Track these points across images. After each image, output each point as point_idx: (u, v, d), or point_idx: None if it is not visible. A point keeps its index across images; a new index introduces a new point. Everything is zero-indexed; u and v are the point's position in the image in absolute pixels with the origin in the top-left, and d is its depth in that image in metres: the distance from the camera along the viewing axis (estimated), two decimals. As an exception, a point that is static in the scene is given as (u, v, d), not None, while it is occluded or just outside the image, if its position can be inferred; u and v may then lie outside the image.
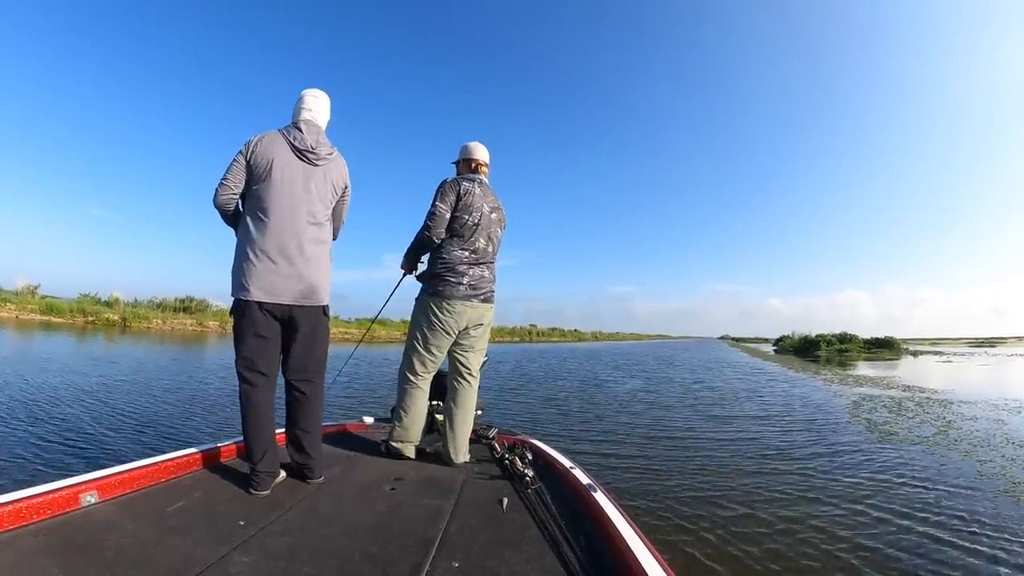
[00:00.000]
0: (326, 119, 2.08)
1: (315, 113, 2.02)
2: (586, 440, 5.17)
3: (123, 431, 4.47)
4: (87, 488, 1.54)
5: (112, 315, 21.30)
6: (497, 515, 1.68)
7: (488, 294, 2.43)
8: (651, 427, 6.00)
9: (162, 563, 1.24)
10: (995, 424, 6.64)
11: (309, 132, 1.95)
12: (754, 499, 3.42)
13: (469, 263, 2.35)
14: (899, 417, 6.96)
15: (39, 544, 1.28)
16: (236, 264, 1.88)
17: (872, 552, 2.65)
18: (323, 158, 1.96)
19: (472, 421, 2.40)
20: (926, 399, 9.06)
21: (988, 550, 2.72)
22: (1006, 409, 8.09)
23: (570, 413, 6.86)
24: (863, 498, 3.49)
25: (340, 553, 1.37)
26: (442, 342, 2.36)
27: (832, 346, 31.62)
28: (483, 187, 2.44)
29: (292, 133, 1.93)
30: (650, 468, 4.16)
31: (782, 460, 4.53)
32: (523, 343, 39.17)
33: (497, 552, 1.41)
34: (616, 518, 1.48)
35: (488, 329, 2.50)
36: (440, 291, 2.32)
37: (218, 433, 4.61)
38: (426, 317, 2.35)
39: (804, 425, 6.30)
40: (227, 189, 1.88)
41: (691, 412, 7.21)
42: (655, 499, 3.38)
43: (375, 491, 1.88)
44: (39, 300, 21.28)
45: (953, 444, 5.31)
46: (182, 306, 24.98)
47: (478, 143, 2.55)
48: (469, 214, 2.34)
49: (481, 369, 2.62)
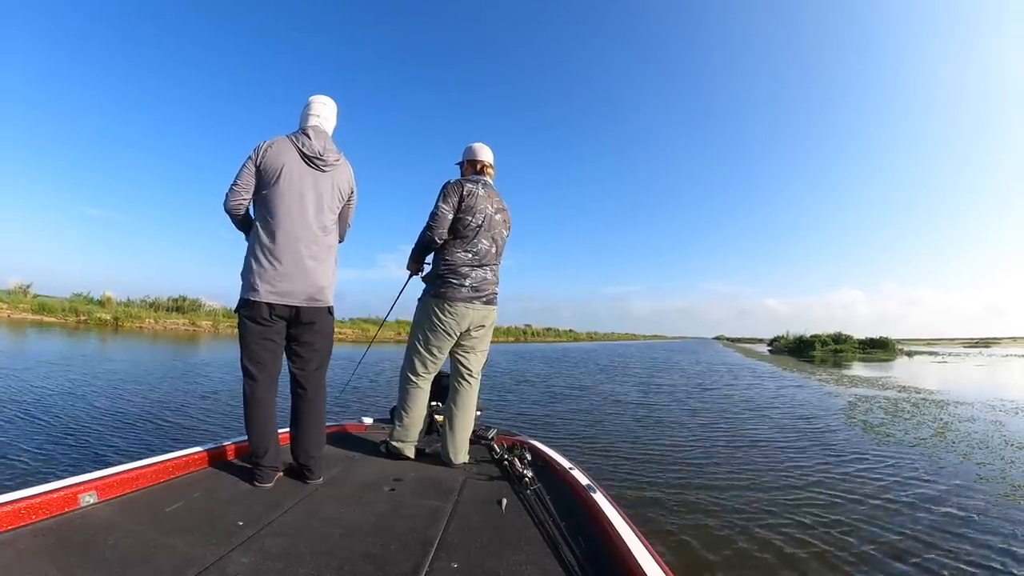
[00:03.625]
0: (333, 125, 2.13)
1: (323, 119, 2.06)
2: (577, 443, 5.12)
3: (120, 431, 4.42)
4: (86, 488, 1.54)
5: (104, 314, 21.14)
6: (496, 516, 1.69)
7: (491, 296, 2.43)
8: (644, 431, 5.99)
9: (161, 563, 1.24)
10: (992, 426, 6.66)
11: (317, 138, 1.99)
12: (750, 500, 3.42)
13: (472, 265, 2.34)
14: (895, 419, 6.98)
15: (38, 544, 1.28)
16: (246, 266, 1.93)
17: (870, 557, 2.64)
18: (331, 164, 2.01)
19: (471, 421, 2.39)
20: (922, 400, 9.10)
21: (989, 557, 2.70)
22: (1003, 410, 8.13)
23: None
24: (860, 501, 3.48)
25: (339, 553, 1.36)
26: (444, 343, 2.36)
27: (827, 346, 31.82)
28: (487, 188, 2.43)
29: (301, 139, 1.97)
30: (644, 472, 4.14)
31: (777, 462, 4.52)
32: (517, 343, 39.20)
33: (496, 552, 1.41)
34: (615, 518, 1.49)
35: (490, 331, 2.50)
36: (442, 293, 2.32)
37: (216, 434, 4.58)
38: (428, 318, 2.35)
39: (799, 427, 6.30)
40: (237, 194, 1.93)
41: (683, 413, 7.22)
42: (653, 500, 3.37)
43: (374, 491, 1.88)
44: (31, 299, 21.09)
45: (951, 446, 5.32)
46: (175, 306, 24.80)
47: (482, 144, 2.54)
48: (472, 216, 2.34)
49: (482, 370, 2.64)
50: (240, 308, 1.92)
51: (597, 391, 9.45)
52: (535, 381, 10.66)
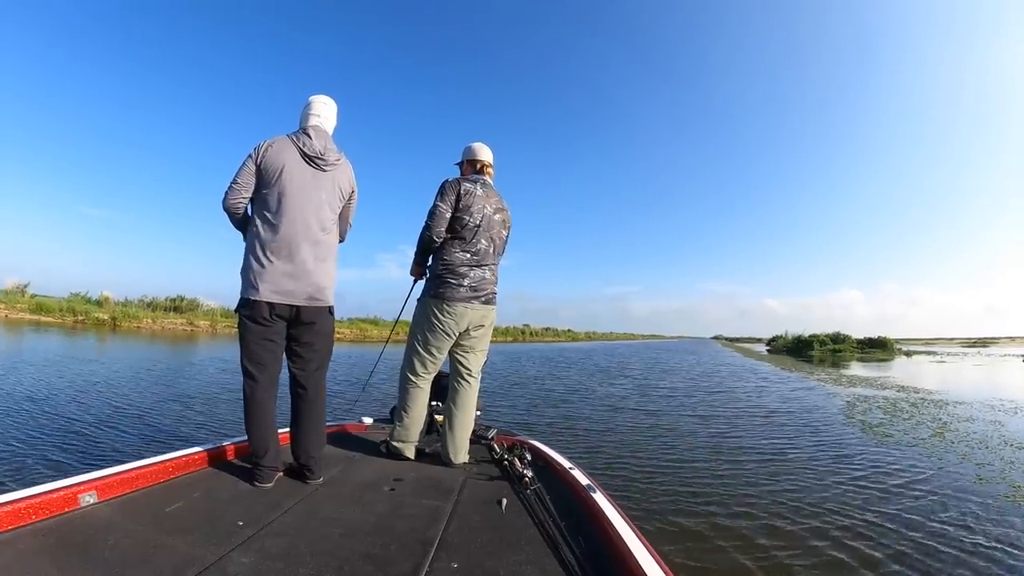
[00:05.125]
0: (333, 125, 2.12)
1: (323, 119, 2.05)
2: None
3: (118, 431, 4.41)
4: (86, 488, 1.54)
5: (102, 314, 21.07)
6: (496, 516, 1.69)
7: (489, 296, 2.42)
8: (643, 430, 5.98)
9: (161, 563, 1.24)
10: (992, 425, 6.67)
11: (318, 138, 1.99)
12: (749, 500, 3.41)
13: (470, 265, 2.34)
14: (894, 418, 6.99)
15: (38, 544, 1.27)
16: (245, 265, 1.92)
17: (870, 558, 2.64)
18: (331, 164, 2.00)
19: (471, 421, 2.39)
20: (921, 400, 9.11)
21: (990, 559, 2.69)
22: (1002, 410, 8.14)
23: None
24: (860, 502, 3.47)
25: (340, 553, 1.36)
26: (442, 343, 2.36)
27: (825, 346, 31.85)
28: (486, 188, 2.43)
29: (301, 139, 1.96)
30: (642, 469, 4.14)
31: (776, 462, 4.52)
32: (516, 343, 39.21)
33: (496, 552, 1.41)
34: (615, 518, 1.49)
35: (489, 331, 2.49)
36: (441, 293, 2.31)
37: (216, 434, 4.57)
38: (427, 319, 2.35)
39: (798, 426, 6.31)
40: (236, 193, 1.92)
41: (683, 413, 7.22)
42: (653, 499, 3.37)
43: (374, 491, 1.88)
44: (29, 299, 21.03)
45: (950, 446, 5.32)
46: (172, 305, 24.74)
47: (481, 144, 2.54)
48: (470, 215, 2.33)
49: (481, 369, 2.64)
50: (240, 307, 1.91)
51: (594, 393, 9.45)
52: (526, 383, 10.54)
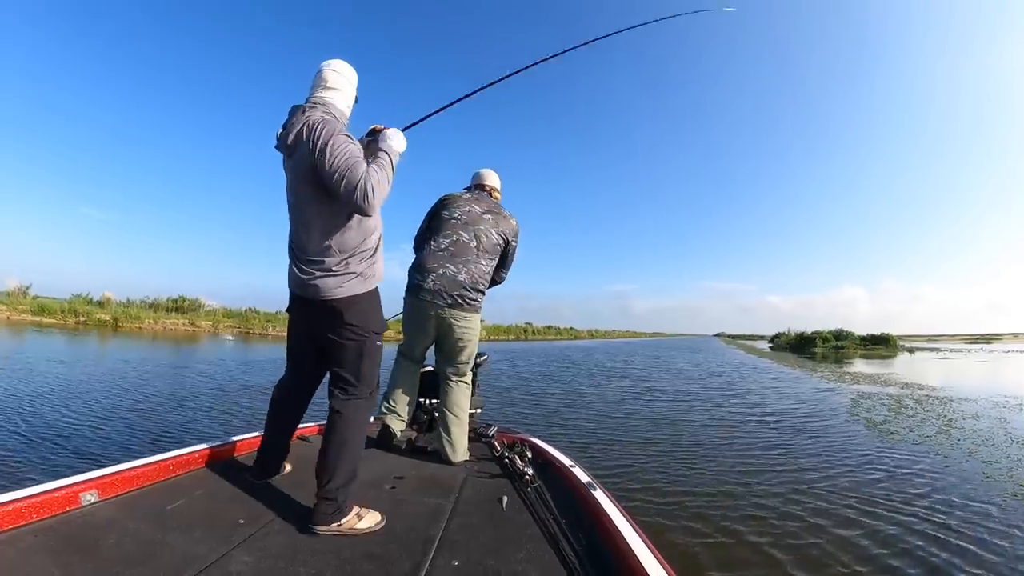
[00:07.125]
0: (348, 99, 1.75)
1: (333, 92, 1.69)
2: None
3: (118, 431, 4.42)
4: (87, 487, 1.54)
5: (103, 315, 21.12)
6: (497, 514, 1.68)
7: (458, 299, 2.30)
8: (642, 431, 5.96)
9: (162, 562, 1.24)
10: (997, 422, 6.62)
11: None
12: (752, 499, 3.40)
13: (440, 260, 2.33)
14: (899, 416, 6.95)
15: (39, 543, 1.27)
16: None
17: (876, 557, 2.62)
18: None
19: (466, 420, 2.39)
20: (925, 397, 9.07)
21: (999, 559, 2.65)
22: (1007, 407, 8.09)
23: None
24: (865, 500, 3.45)
25: (341, 552, 1.36)
26: (416, 336, 2.44)
27: (828, 343, 31.81)
28: (477, 194, 2.55)
29: None
30: (646, 467, 4.13)
31: (780, 460, 4.50)
32: (518, 341, 39.23)
33: (497, 550, 1.40)
34: (616, 516, 1.48)
35: (467, 335, 2.36)
36: (408, 287, 2.40)
37: (216, 432, 4.57)
38: (404, 312, 2.47)
39: (802, 424, 6.29)
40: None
41: (685, 410, 7.20)
42: (652, 498, 3.36)
43: (375, 490, 1.86)
44: (30, 301, 21.08)
45: (956, 443, 5.28)
46: (174, 306, 24.78)
47: (489, 170, 2.68)
48: (448, 211, 2.42)
49: (479, 368, 2.73)
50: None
51: (598, 392, 9.42)
52: (524, 385, 10.44)
